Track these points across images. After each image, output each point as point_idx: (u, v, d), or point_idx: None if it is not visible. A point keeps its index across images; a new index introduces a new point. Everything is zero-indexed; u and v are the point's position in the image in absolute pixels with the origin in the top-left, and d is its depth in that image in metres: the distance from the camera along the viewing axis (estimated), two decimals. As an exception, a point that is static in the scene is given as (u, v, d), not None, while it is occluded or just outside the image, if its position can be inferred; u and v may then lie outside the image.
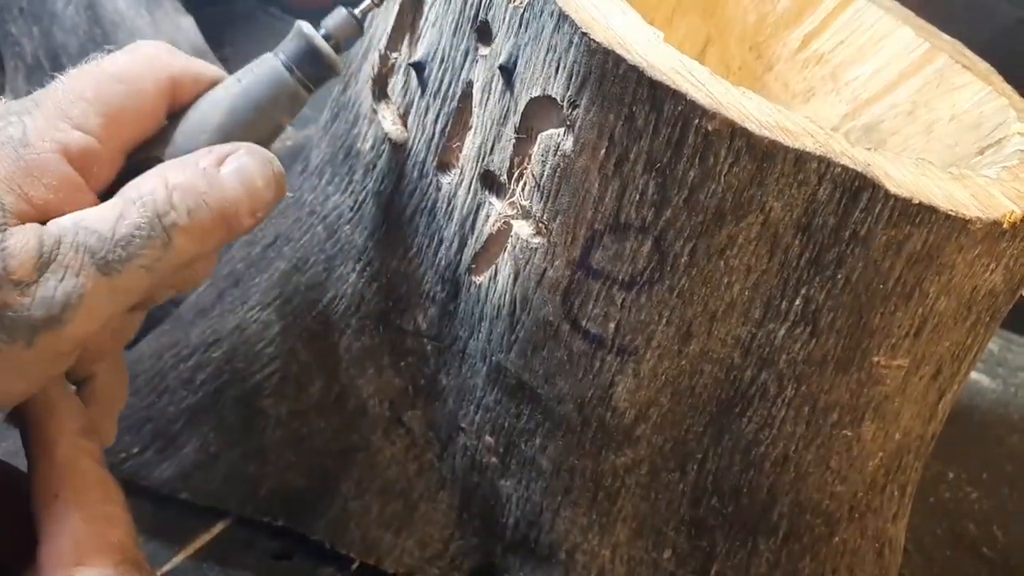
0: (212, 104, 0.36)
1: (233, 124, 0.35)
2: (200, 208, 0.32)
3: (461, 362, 0.44)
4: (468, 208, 0.41)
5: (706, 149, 0.33)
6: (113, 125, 0.33)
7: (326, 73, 0.38)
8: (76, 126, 0.32)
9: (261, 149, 0.35)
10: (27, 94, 0.34)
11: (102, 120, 0.33)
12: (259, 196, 0.34)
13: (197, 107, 0.36)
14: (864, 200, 0.34)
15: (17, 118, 0.32)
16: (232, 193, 0.33)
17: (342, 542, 0.51)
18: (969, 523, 0.68)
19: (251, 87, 0.36)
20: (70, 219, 0.31)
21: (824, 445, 0.40)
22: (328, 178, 0.49)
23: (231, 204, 0.33)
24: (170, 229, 0.32)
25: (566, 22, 0.34)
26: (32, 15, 0.68)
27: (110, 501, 0.32)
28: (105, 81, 0.33)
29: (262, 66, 0.37)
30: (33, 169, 0.31)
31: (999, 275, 0.38)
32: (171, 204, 0.32)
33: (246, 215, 0.34)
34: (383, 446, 0.49)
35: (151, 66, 0.35)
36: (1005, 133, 0.45)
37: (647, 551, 0.44)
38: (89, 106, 0.33)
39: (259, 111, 0.36)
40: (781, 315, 0.37)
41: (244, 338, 0.50)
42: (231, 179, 0.33)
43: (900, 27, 0.53)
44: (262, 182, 0.34)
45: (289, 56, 0.37)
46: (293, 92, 0.37)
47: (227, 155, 0.34)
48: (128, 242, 0.31)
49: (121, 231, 0.31)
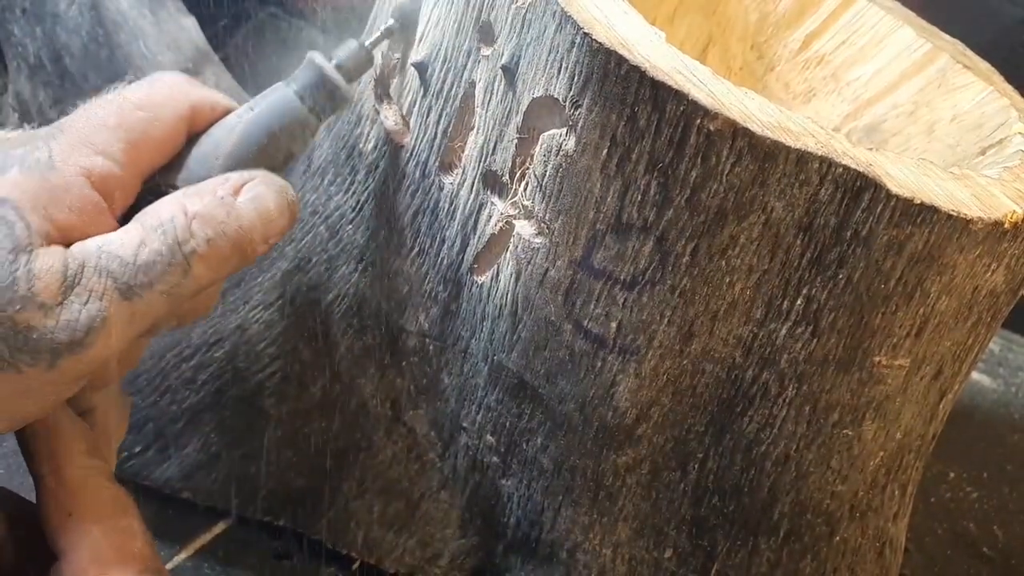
0: (226, 131, 0.36)
1: (246, 151, 0.36)
2: (219, 236, 0.33)
3: (463, 362, 0.44)
4: (470, 208, 0.41)
5: (708, 149, 0.33)
6: (134, 151, 0.34)
7: (337, 103, 0.38)
8: (99, 152, 0.33)
9: (275, 178, 0.36)
10: (30, 94, 0.34)
11: (124, 146, 0.34)
12: (273, 224, 0.35)
13: (211, 134, 0.36)
14: (866, 200, 0.34)
15: (43, 143, 0.32)
16: (248, 221, 0.34)
17: (343, 542, 0.51)
18: (969, 523, 0.68)
19: (263, 115, 0.37)
20: (93, 243, 0.32)
21: (825, 444, 0.40)
22: (330, 178, 0.49)
23: (247, 232, 0.34)
24: (190, 256, 0.32)
25: (568, 22, 0.34)
26: (35, 15, 0.68)
27: (125, 514, 0.33)
28: (127, 109, 0.34)
29: (274, 95, 0.37)
30: (58, 191, 0.31)
31: (1000, 275, 0.38)
32: (191, 232, 0.32)
33: (260, 242, 0.35)
34: (384, 446, 0.49)
35: (171, 95, 0.36)
36: (1006, 133, 0.45)
37: (648, 550, 0.44)
38: (112, 133, 0.33)
39: (271, 139, 0.37)
40: (783, 315, 0.37)
41: (246, 338, 0.51)
42: (247, 208, 0.34)
43: (901, 27, 0.53)
44: (276, 211, 0.35)
45: (301, 86, 0.37)
46: (304, 120, 0.37)
47: (243, 184, 0.35)
48: (150, 268, 0.32)
49: (143, 257, 0.32)
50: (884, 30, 0.54)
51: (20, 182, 0.31)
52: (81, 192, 0.32)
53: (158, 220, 0.32)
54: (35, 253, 0.30)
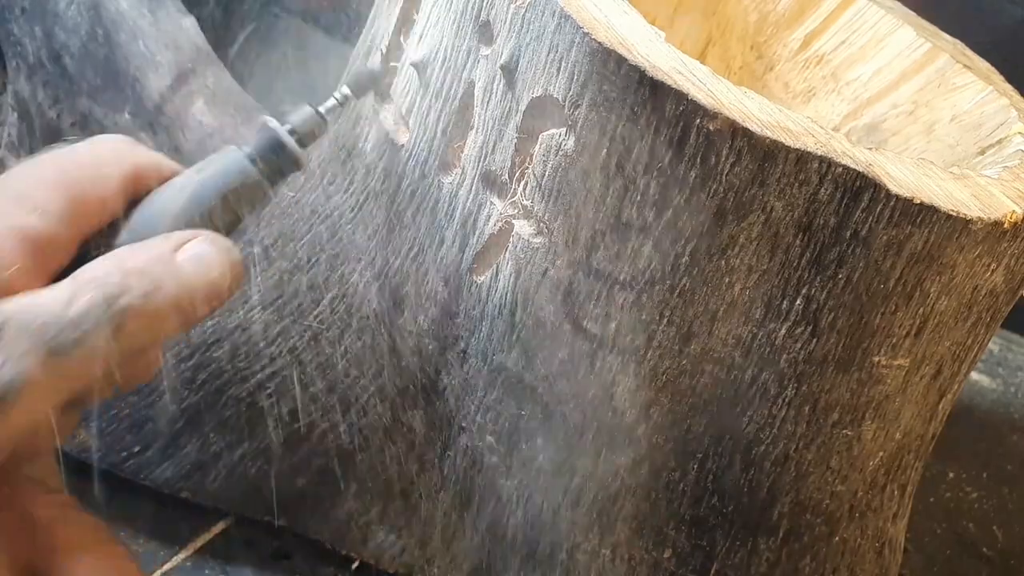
0: (173, 191, 0.35)
1: (192, 213, 0.35)
2: (156, 292, 0.31)
3: (462, 362, 0.44)
4: (469, 208, 0.41)
5: (707, 149, 0.33)
6: (73, 210, 0.33)
7: (289, 166, 0.37)
8: (35, 208, 0.32)
9: (220, 237, 0.34)
10: (29, 93, 0.34)
11: (62, 204, 0.32)
12: (216, 285, 0.33)
13: (157, 195, 0.35)
14: (865, 200, 0.34)
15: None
16: (188, 280, 0.32)
17: (342, 542, 0.51)
18: (969, 523, 0.68)
19: (213, 177, 0.36)
20: (20, 299, 0.30)
21: (824, 445, 0.40)
22: (329, 178, 0.49)
23: (187, 291, 0.32)
24: (122, 313, 0.31)
25: (568, 22, 0.34)
26: (34, 15, 0.68)
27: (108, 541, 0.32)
28: (68, 166, 0.33)
29: (225, 157, 0.37)
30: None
31: (1000, 275, 0.38)
32: (125, 287, 0.31)
33: (201, 303, 0.33)
34: (384, 446, 0.49)
35: (115, 154, 0.34)
36: (1006, 133, 0.45)
37: (647, 550, 0.44)
38: (50, 191, 0.32)
39: (219, 201, 0.35)
40: (782, 315, 0.37)
41: (246, 338, 0.51)
42: (188, 265, 0.32)
43: (901, 27, 0.53)
44: (218, 271, 0.33)
45: (253, 148, 0.37)
46: (255, 184, 0.36)
47: (185, 241, 0.33)
48: (79, 323, 0.30)
49: (72, 313, 0.30)
50: (884, 30, 0.54)
51: None
52: (12, 251, 0.31)
53: (91, 275, 0.31)
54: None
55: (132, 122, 0.67)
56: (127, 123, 0.67)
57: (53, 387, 0.30)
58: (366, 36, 0.49)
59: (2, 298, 0.30)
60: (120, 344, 0.31)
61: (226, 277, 0.34)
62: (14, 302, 0.30)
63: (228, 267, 0.34)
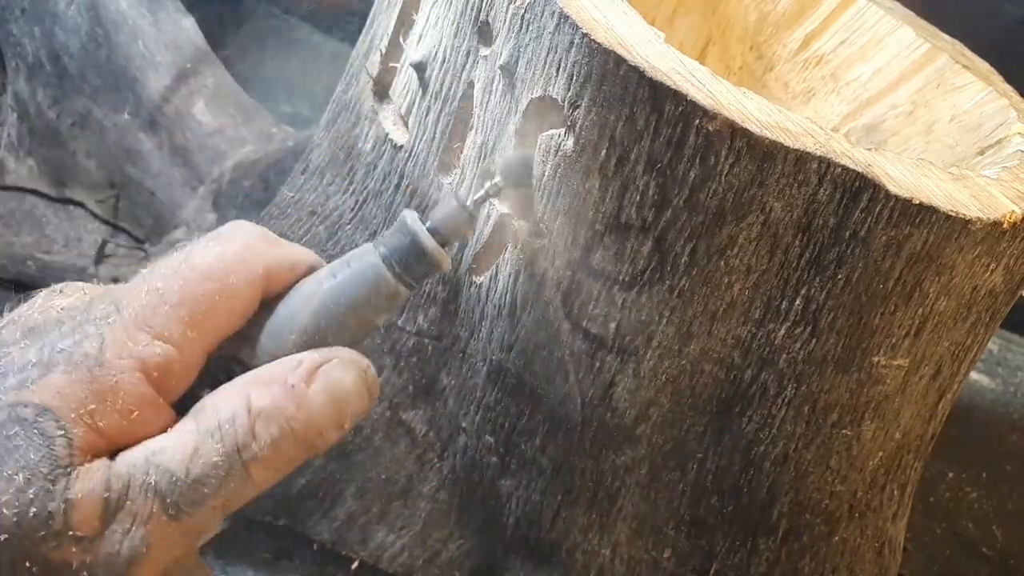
0: (303, 300, 0.33)
1: (324, 325, 0.32)
2: (285, 437, 0.30)
3: (462, 362, 0.44)
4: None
5: (707, 149, 0.33)
6: (198, 330, 0.30)
7: (430, 270, 0.34)
8: (157, 335, 0.30)
9: (355, 356, 0.32)
10: (29, 94, 0.32)
11: (187, 326, 0.30)
12: (349, 411, 0.31)
13: (287, 302, 0.33)
14: (864, 200, 0.34)
15: (95, 329, 0.29)
16: (320, 414, 0.30)
17: (342, 542, 0.51)
18: (969, 523, 0.68)
19: (347, 284, 0.33)
20: (142, 453, 0.28)
21: (824, 444, 0.40)
22: (329, 178, 0.49)
23: (317, 426, 0.30)
24: (249, 463, 0.29)
25: (567, 23, 0.34)
26: (34, 15, 0.68)
27: None
28: (193, 280, 0.31)
29: (361, 261, 0.33)
30: (107, 393, 0.28)
31: (999, 275, 0.38)
32: (253, 434, 0.29)
33: (332, 431, 0.31)
34: (384, 446, 0.49)
35: (245, 259, 0.32)
36: (1005, 133, 0.45)
37: (647, 550, 0.44)
38: (173, 311, 0.30)
39: (353, 311, 0.33)
40: (781, 315, 0.37)
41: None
42: (321, 398, 0.30)
43: (901, 27, 0.53)
44: (355, 396, 0.31)
45: (391, 251, 0.33)
46: (392, 292, 0.33)
47: (318, 367, 0.31)
48: (203, 482, 0.28)
49: (196, 470, 0.28)
50: (883, 30, 0.54)
51: (64, 386, 0.28)
52: (133, 390, 0.29)
53: (216, 421, 0.29)
54: (75, 474, 0.27)
55: (132, 122, 0.67)
56: (127, 123, 0.67)
57: (172, 547, 0.29)
58: (365, 36, 0.49)
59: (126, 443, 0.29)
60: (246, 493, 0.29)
61: (363, 399, 0.32)
62: (137, 455, 0.28)
63: (364, 389, 0.32)
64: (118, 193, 0.68)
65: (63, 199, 0.69)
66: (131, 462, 0.28)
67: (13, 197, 0.68)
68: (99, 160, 0.68)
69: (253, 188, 0.63)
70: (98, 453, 0.28)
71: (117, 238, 0.68)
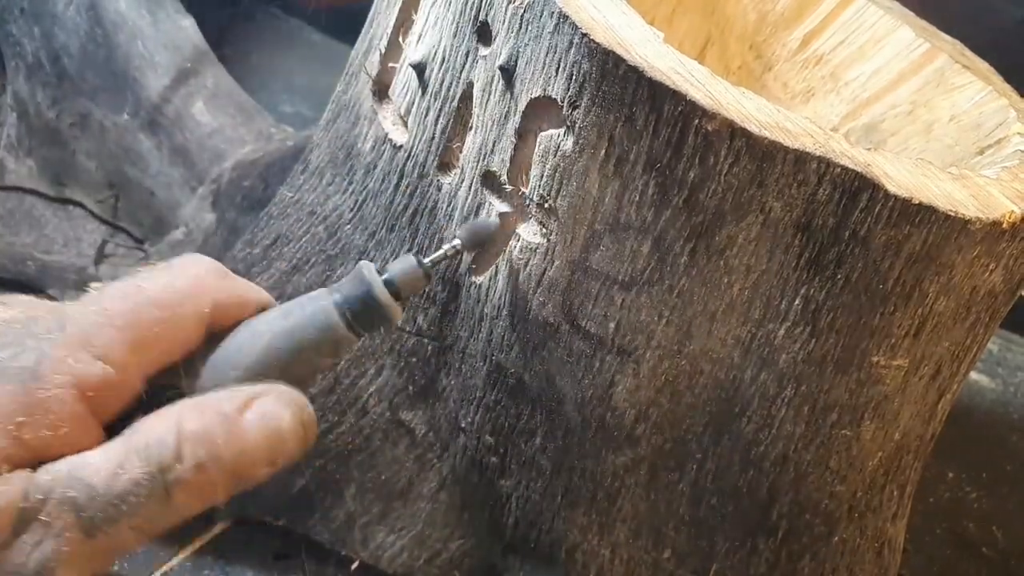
0: (252, 337, 0.33)
1: (268, 364, 0.32)
2: (211, 461, 0.29)
3: (461, 362, 0.44)
4: (468, 208, 0.41)
5: (706, 149, 0.33)
6: (140, 355, 0.31)
7: (381, 322, 0.34)
8: (99, 355, 0.30)
9: (293, 393, 0.32)
10: (28, 94, 0.32)
11: (128, 349, 0.30)
12: (282, 447, 0.31)
13: (234, 338, 0.33)
14: (864, 200, 0.34)
15: (35, 343, 0.29)
16: (252, 444, 0.30)
17: (342, 542, 0.51)
18: (969, 523, 0.68)
19: (297, 328, 0.33)
20: (65, 466, 0.28)
21: (823, 445, 0.40)
22: (329, 178, 0.49)
23: (247, 456, 0.30)
24: (171, 486, 0.29)
25: (566, 23, 0.34)
26: (33, 15, 0.68)
27: None
28: (142, 305, 0.31)
29: (313, 305, 0.33)
30: (37, 408, 0.28)
31: (998, 275, 0.38)
32: (178, 456, 0.29)
33: (263, 466, 0.31)
34: (383, 446, 0.49)
35: (194, 291, 0.32)
36: (1005, 133, 0.45)
37: (647, 551, 0.44)
38: (117, 333, 0.30)
39: (300, 353, 0.33)
40: (781, 315, 0.37)
41: (244, 338, 0.50)
42: (253, 427, 0.30)
43: (900, 27, 0.53)
44: (288, 432, 0.31)
45: (345, 299, 0.33)
46: (341, 339, 0.34)
47: (254, 399, 0.31)
48: (122, 499, 0.28)
49: (117, 486, 0.28)
50: (883, 30, 0.54)
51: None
52: (64, 407, 0.29)
53: (145, 440, 0.29)
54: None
55: (131, 122, 0.67)
56: (126, 123, 0.67)
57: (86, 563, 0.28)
58: (365, 36, 0.49)
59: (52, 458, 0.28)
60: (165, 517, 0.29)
61: (296, 437, 0.31)
62: (59, 468, 0.28)
63: (299, 426, 0.31)
64: (118, 193, 0.68)
65: (63, 199, 0.69)
66: (53, 474, 0.28)
67: (13, 197, 0.68)
68: (99, 160, 0.68)
69: (252, 188, 0.63)
70: (20, 465, 0.28)
71: (117, 238, 0.68)
